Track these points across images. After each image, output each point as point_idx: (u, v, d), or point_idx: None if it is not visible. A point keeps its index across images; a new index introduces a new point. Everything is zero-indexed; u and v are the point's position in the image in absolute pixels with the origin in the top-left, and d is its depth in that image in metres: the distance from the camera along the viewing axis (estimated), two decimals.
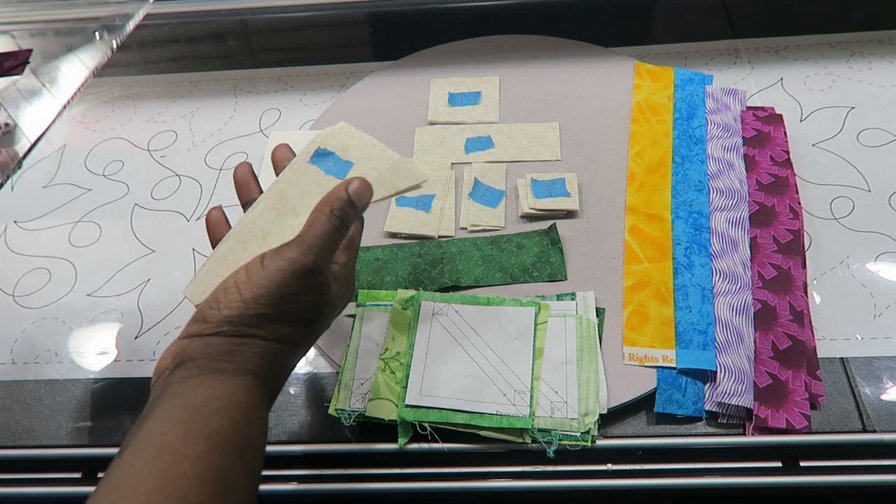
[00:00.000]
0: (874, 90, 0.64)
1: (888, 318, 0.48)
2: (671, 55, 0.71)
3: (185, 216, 0.62)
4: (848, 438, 0.42)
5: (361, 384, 0.46)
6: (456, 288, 0.51)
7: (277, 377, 0.37)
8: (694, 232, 0.52)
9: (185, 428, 0.31)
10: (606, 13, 0.80)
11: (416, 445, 0.43)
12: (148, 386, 0.35)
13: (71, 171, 0.68)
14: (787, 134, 0.58)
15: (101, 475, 0.32)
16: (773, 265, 0.50)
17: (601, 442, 0.43)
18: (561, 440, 0.42)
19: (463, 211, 0.57)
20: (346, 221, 0.38)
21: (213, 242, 0.41)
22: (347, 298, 0.42)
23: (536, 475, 0.42)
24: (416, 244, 0.55)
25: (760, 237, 0.52)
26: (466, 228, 0.56)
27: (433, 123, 0.66)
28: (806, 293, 0.48)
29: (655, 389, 0.44)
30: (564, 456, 0.42)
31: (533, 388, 0.44)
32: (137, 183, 0.65)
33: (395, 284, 0.52)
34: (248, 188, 0.43)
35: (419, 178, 0.41)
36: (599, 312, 0.49)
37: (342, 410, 0.45)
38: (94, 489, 0.30)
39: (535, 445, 0.42)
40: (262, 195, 0.41)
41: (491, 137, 0.63)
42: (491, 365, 0.45)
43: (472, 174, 0.59)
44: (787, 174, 0.55)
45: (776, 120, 0.60)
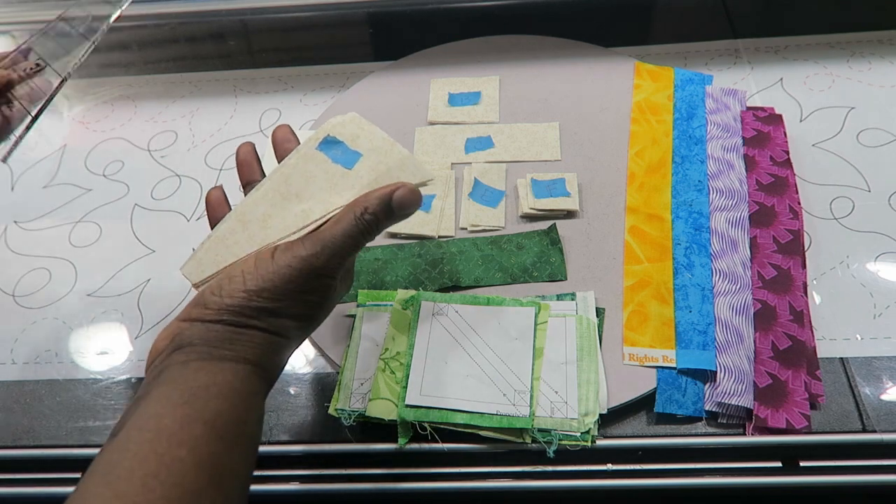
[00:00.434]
0: (874, 90, 0.64)
1: (888, 318, 0.48)
2: (671, 55, 0.71)
3: (185, 216, 0.62)
4: (848, 438, 0.42)
5: (361, 384, 0.46)
6: (456, 288, 0.51)
7: (274, 368, 0.37)
8: (694, 232, 0.52)
9: (182, 412, 0.31)
10: (606, 13, 0.80)
11: (416, 445, 0.43)
12: None
13: (71, 171, 0.68)
14: (786, 134, 0.58)
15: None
16: (772, 265, 0.50)
17: (601, 442, 0.43)
18: (561, 440, 0.42)
19: (463, 211, 0.57)
20: (376, 227, 0.37)
21: (212, 222, 0.40)
22: (345, 292, 0.42)
23: (536, 475, 0.42)
24: (416, 244, 0.55)
25: (760, 237, 0.52)
26: (466, 228, 0.56)
27: (433, 123, 0.66)
28: (806, 293, 0.48)
29: (655, 389, 0.45)
30: (564, 456, 0.42)
31: (533, 388, 0.44)
32: (137, 183, 0.65)
33: (395, 284, 0.52)
34: (250, 169, 0.42)
35: (426, 175, 0.41)
36: (599, 312, 0.49)
37: (342, 410, 0.45)
38: (86, 471, 0.29)
39: (535, 445, 0.42)
40: (265, 178, 0.40)
41: (491, 137, 0.63)
42: (491, 365, 0.45)
43: (472, 174, 0.59)
44: (786, 174, 0.55)
45: (776, 120, 0.59)
